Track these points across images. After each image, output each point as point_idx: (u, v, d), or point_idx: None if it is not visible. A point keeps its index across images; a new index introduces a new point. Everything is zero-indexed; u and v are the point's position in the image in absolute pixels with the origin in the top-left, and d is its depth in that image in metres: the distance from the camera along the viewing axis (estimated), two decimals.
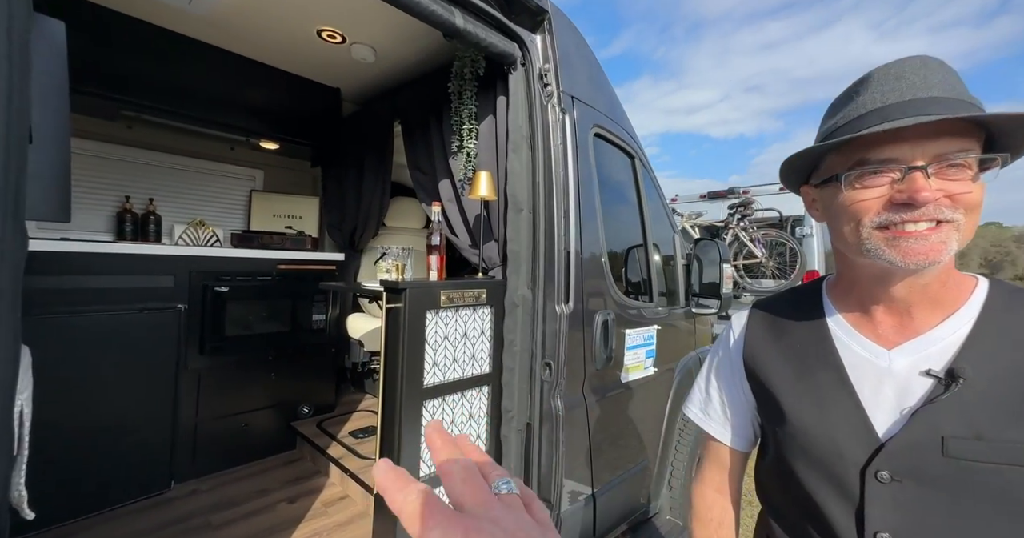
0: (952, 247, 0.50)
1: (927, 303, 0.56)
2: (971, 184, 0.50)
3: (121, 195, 2.15)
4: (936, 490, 0.52)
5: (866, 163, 0.52)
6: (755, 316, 0.73)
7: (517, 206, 1.52)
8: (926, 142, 0.50)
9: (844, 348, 0.61)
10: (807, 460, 0.60)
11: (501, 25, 1.45)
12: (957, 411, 0.51)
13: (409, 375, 1.28)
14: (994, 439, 0.49)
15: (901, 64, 0.54)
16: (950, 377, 0.52)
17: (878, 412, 0.56)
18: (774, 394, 0.65)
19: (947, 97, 0.50)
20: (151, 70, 1.89)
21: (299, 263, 2.24)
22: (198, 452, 1.96)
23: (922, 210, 0.49)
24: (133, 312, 1.74)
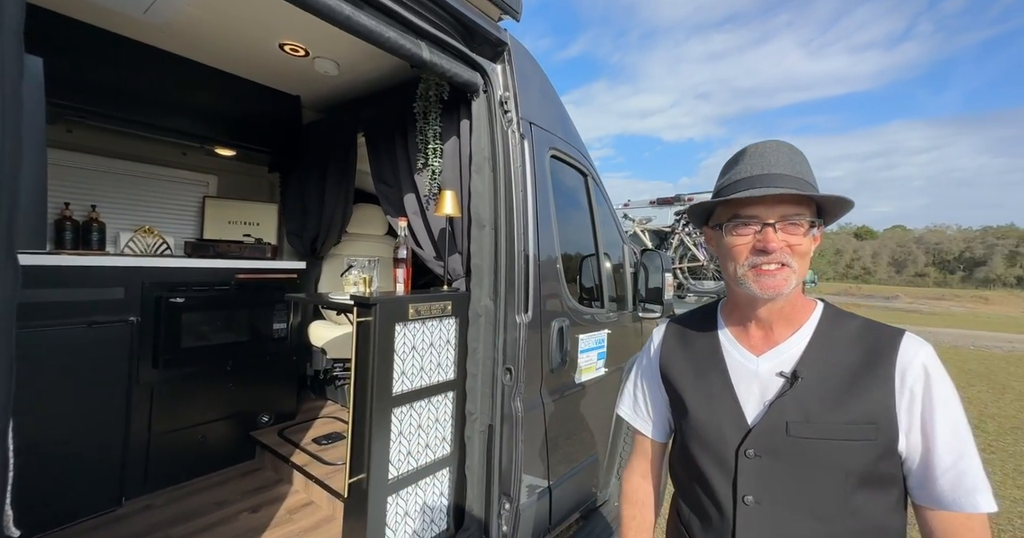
0: (792, 283, 0.70)
1: (783, 321, 0.76)
2: (802, 238, 0.70)
3: (59, 202, 2.03)
4: (781, 462, 0.69)
5: (738, 217, 0.73)
6: (669, 329, 0.91)
7: (480, 223, 1.64)
8: (775, 206, 0.70)
9: (728, 355, 0.79)
10: (700, 444, 0.77)
11: (465, 56, 1.56)
12: (796, 402, 0.69)
13: (379, 385, 1.37)
14: (817, 421, 0.68)
15: (765, 145, 0.75)
16: (793, 377, 0.70)
17: (748, 405, 0.74)
18: (680, 393, 0.82)
19: (789, 174, 0.71)
20: (98, 73, 1.82)
21: (259, 272, 2.22)
22: (151, 467, 1.91)
23: (772, 255, 0.69)
24: (80, 327, 1.67)
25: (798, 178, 0.71)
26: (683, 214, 5.50)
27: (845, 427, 0.66)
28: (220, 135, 2.27)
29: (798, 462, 0.68)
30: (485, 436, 1.65)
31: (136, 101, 1.92)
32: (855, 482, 0.66)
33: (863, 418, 0.66)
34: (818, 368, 0.70)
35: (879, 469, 0.66)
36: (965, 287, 43.52)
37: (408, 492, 1.50)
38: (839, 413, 0.66)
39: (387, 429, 1.41)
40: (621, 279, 2.45)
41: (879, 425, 0.65)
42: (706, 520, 0.76)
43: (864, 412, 0.66)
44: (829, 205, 0.72)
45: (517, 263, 1.63)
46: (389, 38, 1.32)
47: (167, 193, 2.44)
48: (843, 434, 0.66)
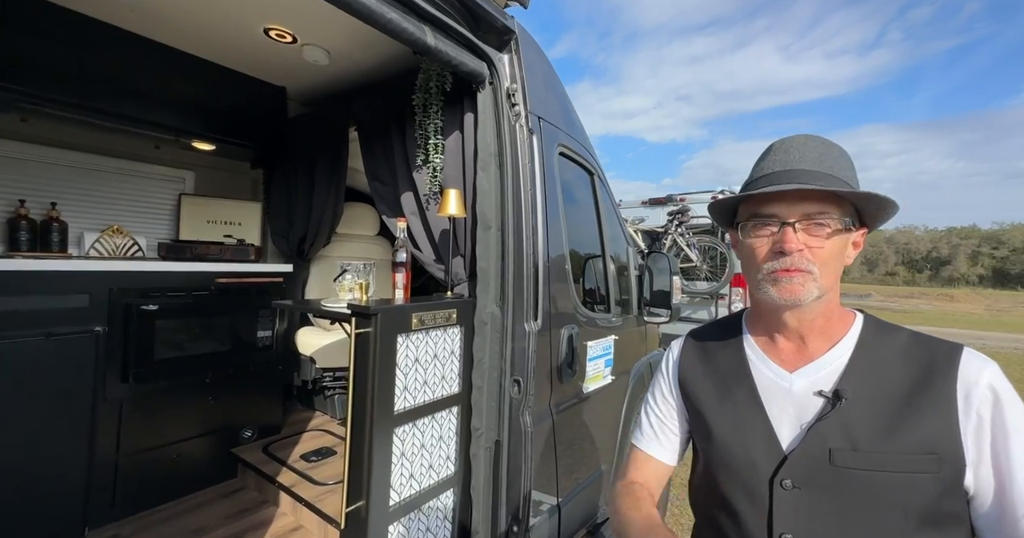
0: (812, 292, 0.62)
1: (817, 333, 0.67)
2: (824, 241, 0.63)
3: (13, 199, 1.82)
4: (826, 494, 0.60)
5: (757, 216, 0.66)
6: (689, 342, 0.82)
7: (486, 224, 1.52)
8: (796, 204, 0.63)
9: (757, 371, 0.70)
10: (727, 471, 0.68)
11: (470, 44, 1.44)
12: (840, 426, 0.60)
13: (380, 402, 1.24)
14: (866, 450, 0.59)
15: (792, 139, 0.68)
16: (836, 397, 0.62)
17: (782, 428, 0.65)
18: (702, 412, 0.73)
19: (816, 170, 0.64)
20: (54, 55, 1.63)
21: (241, 276, 2.05)
22: (119, 492, 1.73)
23: (790, 258, 0.62)
24: (36, 339, 1.49)
25: (827, 174, 0.63)
26: (676, 215, 5.47)
27: (901, 458, 0.57)
28: (196, 127, 2.09)
29: (846, 497, 0.59)
30: (491, 453, 1.53)
31: (100, 88, 1.73)
32: (915, 523, 0.57)
33: (921, 448, 0.57)
34: (864, 388, 0.62)
35: (942, 507, 0.57)
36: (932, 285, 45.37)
37: (410, 518, 1.37)
38: (893, 441, 0.58)
39: (388, 451, 1.28)
40: (626, 282, 2.37)
41: (941, 456, 0.56)
42: None
43: (922, 440, 0.57)
44: (864, 204, 0.64)
45: (526, 267, 1.52)
46: (391, 20, 1.19)
47: (138, 190, 2.24)
48: (899, 466, 0.57)
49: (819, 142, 0.67)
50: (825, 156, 0.65)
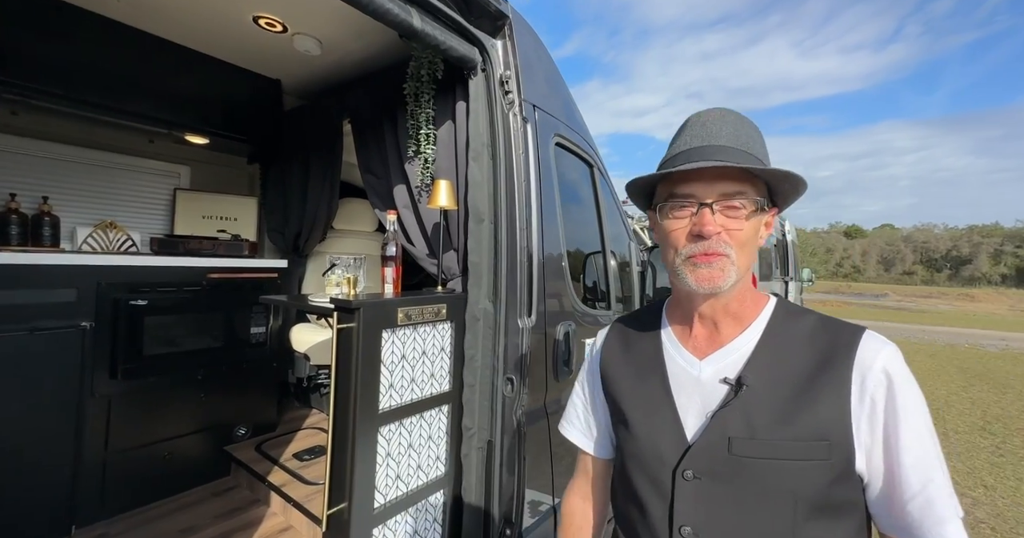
0: (730, 277, 0.59)
1: (730, 318, 0.65)
2: (743, 222, 0.60)
3: (3, 192, 1.81)
4: (723, 484, 0.58)
5: (674, 196, 0.62)
6: (612, 330, 0.79)
7: (478, 216, 1.47)
8: (714, 183, 0.59)
9: (670, 359, 0.68)
10: (637, 463, 0.66)
11: (461, 28, 1.38)
12: (740, 414, 0.58)
13: (363, 400, 1.19)
14: (763, 438, 0.57)
15: (707, 114, 0.64)
16: (738, 384, 0.60)
17: (688, 417, 0.63)
18: (619, 402, 0.71)
19: (731, 146, 0.60)
20: (41, 45, 1.60)
21: (234, 272, 2.02)
22: (108, 490, 1.70)
23: (708, 242, 0.59)
24: (19, 334, 1.46)
25: (743, 151, 0.60)
26: None
27: (793, 445, 0.56)
28: (190, 121, 2.06)
29: (742, 486, 0.57)
30: (484, 453, 1.48)
31: (87, 80, 1.70)
32: (806, 510, 0.55)
33: (814, 434, 0.55)
34: (766, 374, 0.60)
35: (833, 494, 0.56)
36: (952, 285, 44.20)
37: (397, 521, 1.32)
38: (788, 428, 0.56)
39: (373, 451, 1.23)
40: (627, 278, 2.29)
41: (832, 442, 0.55)
42: None
43: (815, 426, 0.56)
44: (778, 183, 0.61)
45: (520, 261, 1.45)
46: (376, 2, 1.14)
47: (133, 185, 2.22)
48: (791, 454, 0.56)
49: (735, 117, 0.64)
50: (740, 132, 0.62)
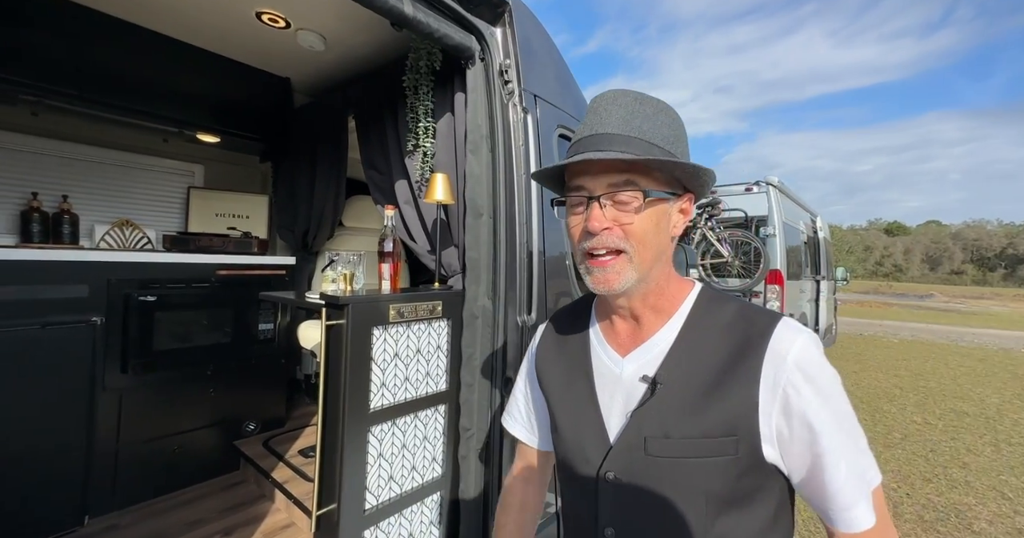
0: (629, 277, 0.56)
1: (650, 311, 0.62)
2: (633, 216, 0.56)
3: (26, 191, 1.89)
4: (641, 485, 0.57)
5: (570, 189, 0.60)
6: (548, 327, 0.76)
7: (476, 211, 1.41)
8: (601, 175, 0.56)
9: (596, 357, 0.66)
10: (567, 464, 0.65)
11: (457, 15, 1.33)
12: (656, 413, 0.57)
13: (352, 399, 1.16)
14: (675, 436, 0.55)
15: (602, 98, 0.60)
16: (653, 383, 0.58)
17: (612, 417, 0.61)
18: (551, 402, 0.69)
19: (620, 133, 0.55)
20: (57, 47, 1.65)
21: (242, 268, 2.04)
22: (119, 482, 1.74)
23: (598, 238, 0.56)
24: (32, 328, 1.51)
25: (633, 137, 0.55)
26: (705, 208, 5.17)
27: (702, 442, 0.54)
28: (203, 120, 2.10)
29: (655, 486, 0.57)
30: (483, 455, 1.43)
31: (99, 79, 1.75)
32: (717, 505, 0.55)
33: (721, 430, 0.54)
34: (681, 370, 0.58)
35: (742, 486, 0.55)
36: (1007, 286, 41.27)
37: (390, 523, 1.29)
38: (698, 425, 0.55)
39: (363, 451, 1.19)
40: None
41: (739, 437, 0.54)
42: (577, 507, 0.65)
43: (722, 422, 0.54)
44: (671, 170, 0.57)
45: (519, 257, 1.40)
46: None
47: (148, 183, 2.29)
48: (700, 451, 0.55)
49: (630, 99, 0.58)
50: (634, 115, 0.57)
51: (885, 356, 7.39)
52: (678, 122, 0.59)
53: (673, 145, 0.57)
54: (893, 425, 4.08)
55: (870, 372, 6.17)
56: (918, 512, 2.60)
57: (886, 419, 4.24)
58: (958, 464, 3.25)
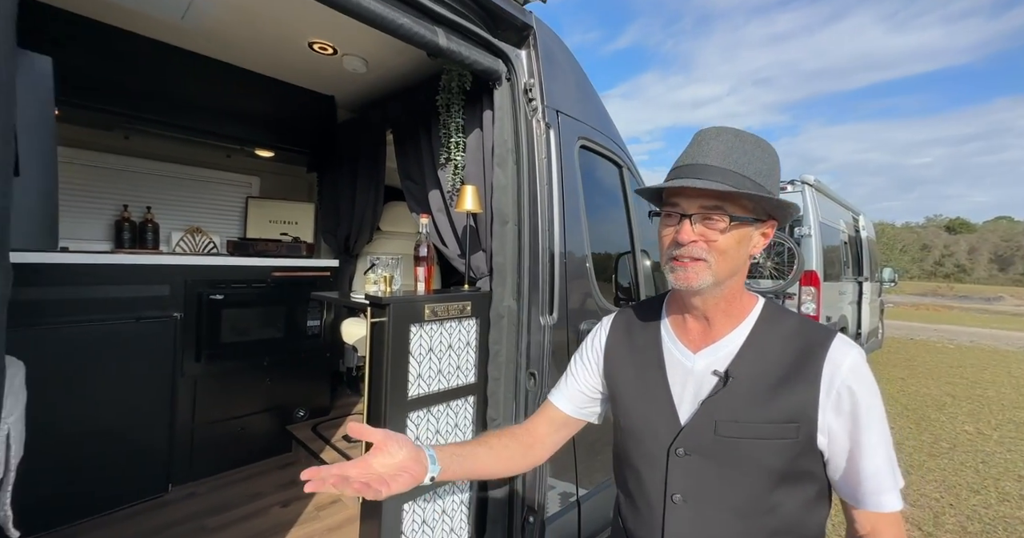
0: (706, 279, 0.67)
1: (721, 314, 0.73)
2: (719, 234, 0.66)
3: (119, 204, 2.19)
4: (709, 460, 0.69)
5: (667, 205, 0.71)
6: (617, 319, 0.88)
7: (503, 219, 1.55)
8: (695, 198, 0.67)
9: (667, 351, 0.77)
10: (635, 441, 0.77)
11: (486, 42, 1.47)
12: (726, 401, 0.68)
13: (393, 388, 1.32)
14: (743, 421, 0.67)
15: (705, 133, 0.71)
16: (726, 376, 0.69)
17: (683, 403, 0.73)
18: (619, 386, 0.81)
19: (719, 166, 0.66)
20: (146, 81, 1.93)
21: (293, 270, 2.28)
22: (195, 456, 2.01)
23: (685, 248, 0.67)
24: (129, 321, 1.78)
25: (729, 170, 0.66)
26: None
27: (767, 426, 0.66)
28: (260, 137, 2.35)
29: (724, 461, 0.69)
30: None
31: (181, 106, 2.01)
32: (776, 480, 0.67)
33: (784, 418, 0.66)
34: (750, 368, 0.69)
35: (798, 466, 0.67)
36: None
37: (426, 499, 1.44)
38: (763, 413, 0.67)
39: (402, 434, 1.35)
40: (662, 278, 2.27)
41: (800, 424, 0.65)
42: (639, 515, 0.77)
43: (786, 411, 0.66)
44: (758, 201, 0.67)
45: (541, 261, 1.52)
46: (402, 25, 1.25)
47: (214, 194, 2.58)
48: (766, 433, 0.66)
49: (731, 136, 0.69)
50: (733, 150, 0.67)
51: (937, 362, 6.95)
52: (772, 157, 0.70)
53: (764, 178, 0.67)
54: (940, 434, 3.89)
55: (918, 378, 5.85)
56: (961, 523, 2.51)
57: (933, 428, 4.04)
58: (1013, 477, 3.08)
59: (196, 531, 1.69)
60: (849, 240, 5.95)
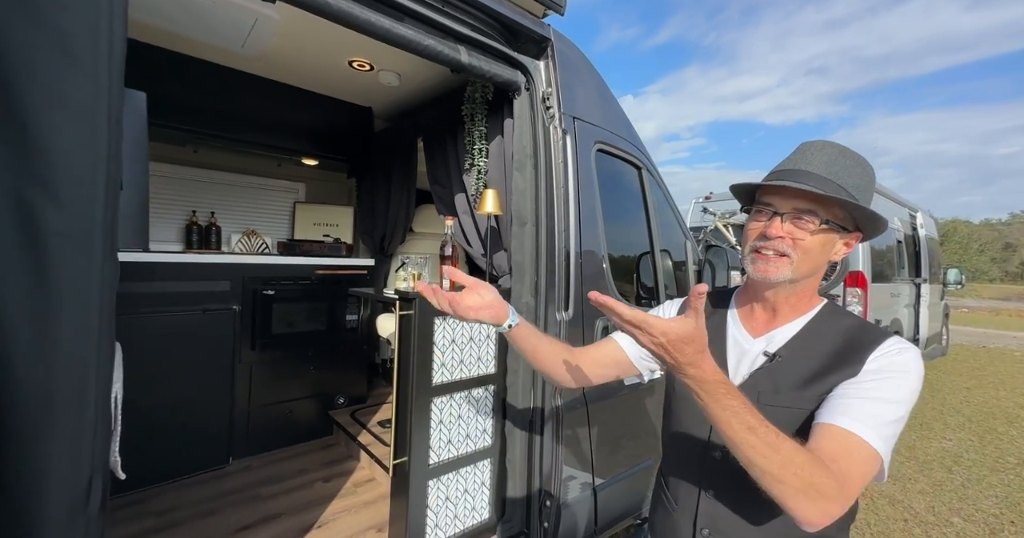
0: (784, 273, 0.73)
1: (788, 308, 0.80)
2: (808, 235, 0.72)
3: (189, 210, 2.50)
4: None
5: (760, 203, 0.78)
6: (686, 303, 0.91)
7: (521, 220, 1.65)
8: (790, 199, 0.73)
9: (730, 334, 0.86)
10: (687, 404, 0.85)
11: (505, 55, 1.58)
12: (770, 376, 0.77)
13: (419, 374, 1.46)
14: (783, 392, 0.74)
15: (811, 144, 0.77)
16: (772, 357, 0.77)
17: (736, 377, 0.81)
18: None
19: (818, 174, 0.72)
20: (213, 101, 2.20)
21: (334, 269, 2.49)
22: (251, 434, 2.26)
23: (772, 242, 0.74)
24: (197, 312, 2.04)
25: (827, 179, 0.72)
26: None
27: (802, 400, 0.72)
28: (307, 147, 2.59)
29: None
30: (526, 431, 1.66)
31: (241, 122, 2.27)
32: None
33: (819, 396, 0.71)
34: (797, 353, 0.76)
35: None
36: None
37: (449, 478, 1.57)
38: (802, 392, 0.73)
39: (427, 417, 1.49)
40: (684, 277, 2.28)
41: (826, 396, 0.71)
42: (681, 468, 0.86)
43: (822, 392, 0.71)
44: (853, 211, 0.73)
45: (557, 260, 1.61)
46: (428, 46, 1.39)
47: (267, 200, 2.86)
48: (799, 405, 0.73)
49: (835, 150, 0.75)
50: (835, 163, 0.73)
51: (1012, 372, 6.34)
52: (870, 175, 0.75)
53: (860, 193, 0.73)
54: (1008, 449, 3.59)
55: (987, 389, 5.37)
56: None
57: (1000, 442, 3.74)
58: None
59: (252, 499, 1.91)
60: (905, 239, 5.56)
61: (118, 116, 0.85)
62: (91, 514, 0.81)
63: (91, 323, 0.78)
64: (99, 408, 0.80)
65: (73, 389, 0.77)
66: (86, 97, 0.78)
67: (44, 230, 0.73)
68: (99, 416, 0.81)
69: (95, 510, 0.81)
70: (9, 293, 0.70)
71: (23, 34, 0.73)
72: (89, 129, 0.79)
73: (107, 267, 0.82)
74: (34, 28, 0.74)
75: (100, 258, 0.79)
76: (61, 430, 0.76)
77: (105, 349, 0.81)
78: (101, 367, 0.80)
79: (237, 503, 1.88)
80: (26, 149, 0.73)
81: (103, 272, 0.80)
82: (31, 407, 0.73)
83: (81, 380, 0.78)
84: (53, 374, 0.74)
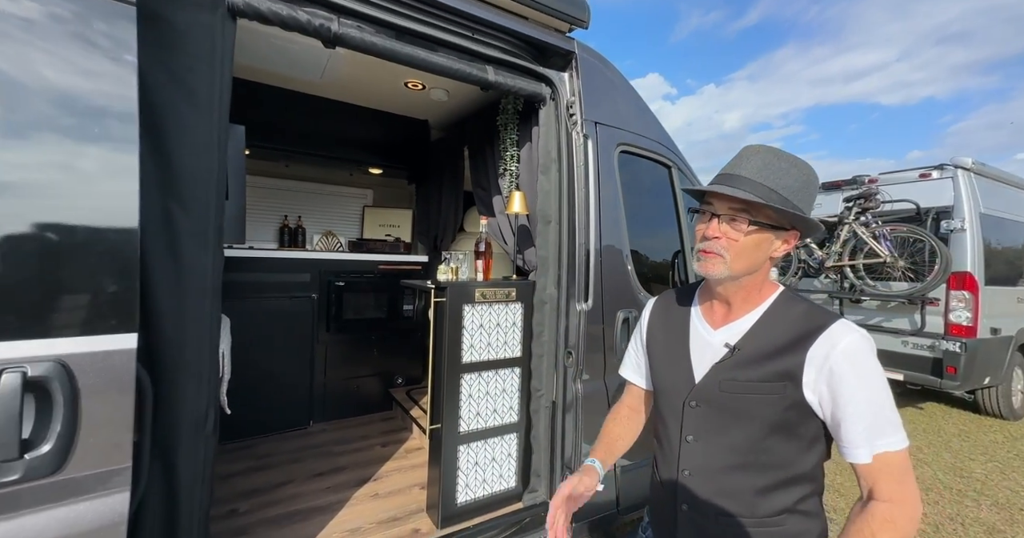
0: (721, 271, 0.81)
1: (740, 301, 0.87)
2: (742, 235, 0.79)
3: (281, 214, 3.01)
4: (714, 410, 0.85)
5: (704, 204, 0.87)
6: (657, 303, 1.05)
7: (546, 219, 1.81)
8: (726, 201, 0.81)
9: (693, 329, 0.93)
10: (663, 397, 0.95)
11: (531, 71, 1.74)
12: (731, 366, 0.83)
13: (450, 352, 1.69)
14: (742, 379, 0.81)
15: (749, 149, 0.84)
16: (733, 349, 0.84)
17: (699, 368, 0.88)
18: (655, 353, 0.99)
19: (751, 178, 0.79)
20: (299, 124, 2.64)
21: (394, 264, 2.84)
22: (327, 402, 2.69)
23: (709, 242, 0.82)
24: (285, 299, 2.49)
25: (759, 183, 0.78)
26: (854, 200, 4.43)
27: (760, 384, 0.79)
28: (374, 158, 2.97)
29: (724, 410, 0.84)
30: (550, 411, 1.82)
31: (321, 139, 2.70)
32: (767, 427, 0.79)
33: (774, 378, 0.78)
34: (755, 342, 0.83)
35: (787, 417, 0.78)
36: None
37: (478, 446, 1.79)
38: (758, 373, 0.80)
39: (458, 390, 1.72)
40: None
41: (787, 383, 0.77)
42: (663, 454, 0.95)
43: (776, 373, 0.78)
44: (784, 215, 0.77)
45: (578, 256, 1.74)
46: (458, 69, 1.60)
47: (340, 205, 3.32)
48: (758, 390, 0.79)
49: (770, 155, 0.80)
50: (768, 167, 0.79)
51: None
52: (806, 176, 0.80)
53: (795, 195, 0.77)
54: None
55: None
56: None
57: None
58: None
59: (326, 454, 2.30)
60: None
61: (225, 145, 1.18)
62: (207, 433, 1.14)
63: (206, 295, 1.10)
64: (211, 358, 1.13)
65: (195, 342, 1.10)
66: (204, 134, 1.12)
67: (178, 230, 1.06)
68: (211, 364, 1.14)
69: (210, 430, 1.14)
70: (160, 273, 1.04)
71: (167, 92, 1.06)
72: (206, 156, 1.11)
73: (216, 256, 1.15)
74: (173, 87, 1.07)
75: (212, 249, 1.12)
76: (189, 371, 1.10)
77: (215, 315, 1.14)
78: (212, 328, 1.13)
79: (315, 455, 2.27)
80: (169, 173, 1.06)
81: (214, 260, 1.13)
82: (173, 352, 1.07)
83: (199, 338, 1.10)
84: (184, 330, 1.08)
